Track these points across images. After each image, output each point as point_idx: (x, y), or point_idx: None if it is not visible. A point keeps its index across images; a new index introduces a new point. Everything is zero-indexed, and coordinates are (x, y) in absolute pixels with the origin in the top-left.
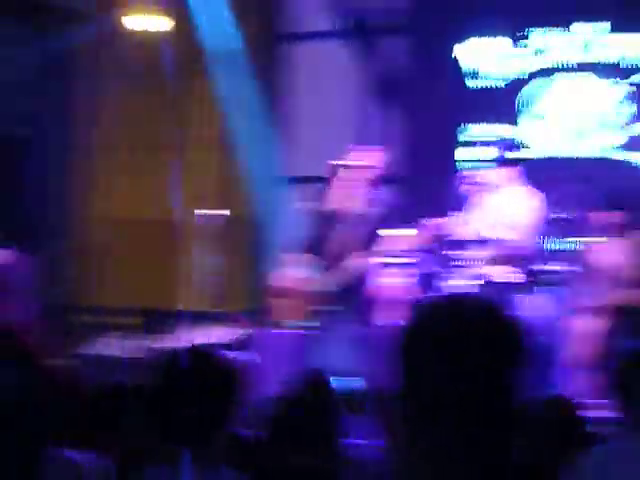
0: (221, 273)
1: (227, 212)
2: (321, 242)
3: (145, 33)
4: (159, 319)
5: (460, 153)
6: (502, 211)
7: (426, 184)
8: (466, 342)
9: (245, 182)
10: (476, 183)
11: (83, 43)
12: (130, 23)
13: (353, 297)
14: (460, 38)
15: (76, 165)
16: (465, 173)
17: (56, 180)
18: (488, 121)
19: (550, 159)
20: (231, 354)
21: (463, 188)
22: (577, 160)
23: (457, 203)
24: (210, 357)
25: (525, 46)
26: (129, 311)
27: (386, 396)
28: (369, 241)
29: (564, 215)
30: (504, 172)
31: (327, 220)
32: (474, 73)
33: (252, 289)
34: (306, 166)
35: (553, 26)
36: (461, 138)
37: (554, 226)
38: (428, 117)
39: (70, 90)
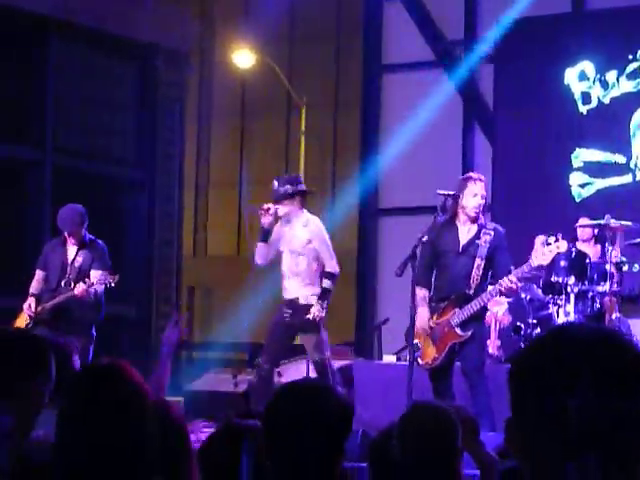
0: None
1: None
2: (431, 275)
3: (245, 71)
4: None
5: (574, 179)
6: (295, 239)
7: (539, 211)
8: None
9: (348, 215)
10: (275, 214)
11: (187, 84)
12: (232, 61)
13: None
14: (571, 63)
15: (185, 204)
16: (265, 206)
17: (165, 219)
18: (600, 146)
19: None
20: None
21: (264, 220)
22: None
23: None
24: (327, 392)
25: (638, 68)
26: (236, 346)
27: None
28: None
29: None
30: (292, 204)
31: (435, 254)
32: (585, 97)
33: (356, 321)
34: (405, 197)
35: None
36: (575, 164)
37: None
38: (540, 143)
39: (179, 131)
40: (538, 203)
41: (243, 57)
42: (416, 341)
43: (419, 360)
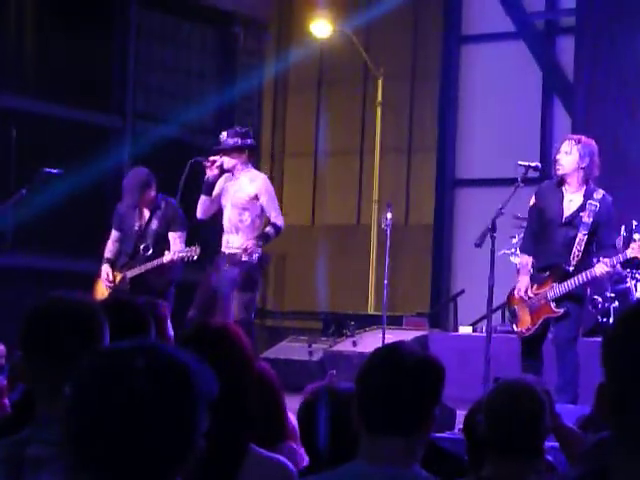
0: (400, 277)
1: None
2: (535, 242)
3: (322, 40)
4: (338, 322)
5: None
6: (240, 193)
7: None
8: None
9: (425, 186)
10: (221, 167)
11: (266, 53)
12: (309, 30)
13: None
14: None
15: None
16: (212, 158)
17: None
18: None
19: None
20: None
21: (210, 173)
22: None
23: None
24: (420, 353)
25: None
26: (309, 315)
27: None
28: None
29: None
30: (239, 157)
31: (541, 221)
32: None
33: (431, 292)
34: (483, 168)
35: None
36: None
37: None
38: (619, 117)
39: (257, 99)
40: (615, 178)
41: (320, 26)
42: (515, 307)
43: (514, 327)
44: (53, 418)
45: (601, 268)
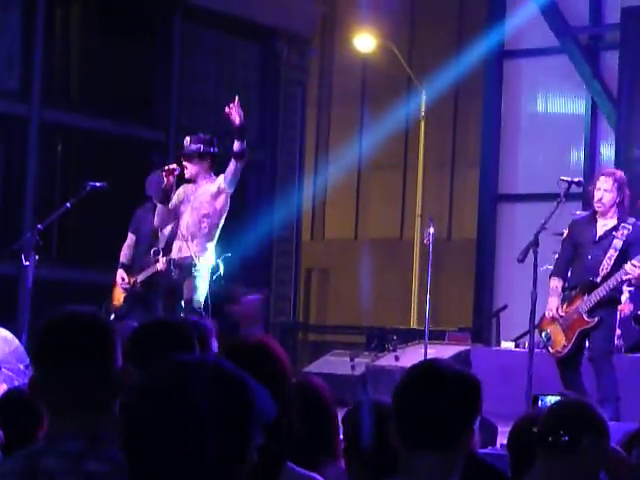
0: (442, 291)
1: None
2: (568, 268)
3: (366, 55)
4: (380, 337)
5: None
6: (202, 200)
7: None
8: None
9: (468, 201)
10: (179, 175)
11: (309, 68)
12: (353, 45)
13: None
14: None
15: (304, 187)
16: (171, 166)
17: (285, 201)
18: None
19: None
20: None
21: (168, 181)
22: None
23: None
24: (452, 371)
25: None
26: (351, 329)
27: None
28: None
29: None
30: (202, 164)
31: (575, 248)
32: None
33: (474, 307)
34: (526, 183)
35: None
36: None
37: None
38: None
39: (300, 114)
40: None
41: (364, 41)
42: (547, 330)
43: (549, 348)
44: (66, 431)
45: (629, 266)
